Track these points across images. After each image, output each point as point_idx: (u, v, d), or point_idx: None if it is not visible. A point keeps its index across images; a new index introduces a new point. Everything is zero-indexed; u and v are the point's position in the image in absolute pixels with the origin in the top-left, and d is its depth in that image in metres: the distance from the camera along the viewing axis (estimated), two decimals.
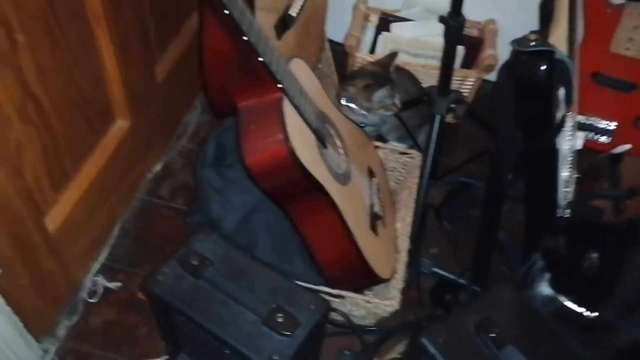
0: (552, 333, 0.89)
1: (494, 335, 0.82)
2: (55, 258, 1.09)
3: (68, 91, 1.02)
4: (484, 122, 1.47)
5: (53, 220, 1.07)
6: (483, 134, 1.49)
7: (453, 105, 1.27)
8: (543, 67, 0.94)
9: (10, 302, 0.98)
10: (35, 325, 1.08)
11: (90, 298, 1.21)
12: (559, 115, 1.01)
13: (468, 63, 1.58)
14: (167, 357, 1.13)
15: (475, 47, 1.57)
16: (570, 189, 1.08)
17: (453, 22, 1.18)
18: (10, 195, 0.92)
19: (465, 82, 1.55)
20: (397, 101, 1.30)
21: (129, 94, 1.20)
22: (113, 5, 1.04)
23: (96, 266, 1.26)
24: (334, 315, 1.12)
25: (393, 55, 1.36)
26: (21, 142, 0.92)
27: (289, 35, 1.26)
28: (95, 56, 1.07)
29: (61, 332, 1.16)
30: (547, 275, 1.00)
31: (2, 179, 0.89)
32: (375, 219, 1.15)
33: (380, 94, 1.28)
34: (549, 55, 0.95)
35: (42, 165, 1.01)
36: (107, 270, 1.26)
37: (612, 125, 1.48)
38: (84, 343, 1.15)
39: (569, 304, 0.94)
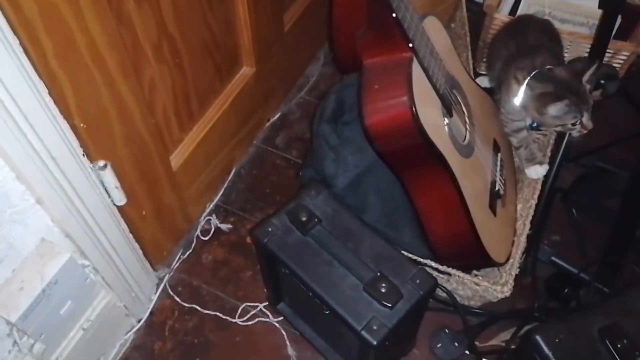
0: None
1: (620, 345, 0.74)
2: (176, 193, 1.15)
3: (201, 33, 1.04)
4: (636, 102, 1.30)
5: (177, 158, 1.12)
6: (631, 115, 1.32)
7: (603, 82, 1.13)
8: None
9: (132, 230, 1.05)
10: (153, 254, 1.16)
11: (203, 236, 1.27)
12: None
13: (623, 34, 1.40)
14: (266, 303, 1.16)
15: (634, 16, 1.37)
16: None
17: None
18: (141, 129, 0.97)
19: (617, 56, 1.37)
20: (585, 119, 1.03)
21: (257, 40, 1.20)
22: None
23: (211, 206, 1.31)
24: (437, 291, 1.08)
25: (592, 64, 1.04)
26: (155, 80, 0.96)
27: None
28: (228, 0, 1.07)
29: (175, 264, 1.23)
30: None
31: (135, 114, 0.94)
32: (495, 198, 1.08)
33: (556, 108, 1.02)
34: None
35: (172, 105, 1.05)
36: (220, 212, 1.31)
37: None
38: (195, 277, 1.22)
39: None
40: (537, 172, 1.14)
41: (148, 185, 1.05)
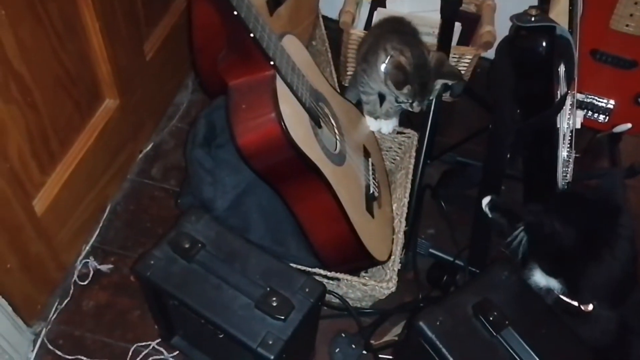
0: (551, 314, 0.87)
1: (492, 318, 0.81)
2: (43, 241, 1.07)
3: (52, 69, 0.98)
4: (482, 100, 1.44)
5: (41, 203, 1.05)
6: (480, 113, 1.46)
7: (450, 84, 1.24)
8: (544, 43, 0.91)
9: None
10: (25, 309, 1.07)
11: (82, 281, 1.19)
12: (559, 92, 0.98)
13: (465, 40, 1.55)
14: (160, 340, 1.11)
15: (472, 23, 1.53)
16: (569, 168, 1.06)
17: None
18: None
19: (462, 60, 1.52)
20: (415, 105, 1.13)
21: (117, 72, 1.16)
22: None
23: (87, 248, 1.23)
24: (330, 298, 1.11)
25: (442, 60, 1.12)
26: (4, 121, 0.89)
27: (281, 11, 1.22)
28: (80, 33, 1.04)
29: (52, 315, 1.14)
30: (536, 265, 0.94)
31: None
32: (371, 200, 1.13)
33: (400, 90, 1.10)
34: (550, 30, 0.92)
35: (28, 146, 0.98)
36: (99, 253, 1.23)
37: (611, 104, 1.45)
38: (76, 326, 1.13)
39: (564, 298, 0.91)
40: (373, 124, 1.24)
41: (10, 235, 0.96)
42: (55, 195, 1.07)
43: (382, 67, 1.13)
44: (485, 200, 1.04)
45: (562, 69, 0.97)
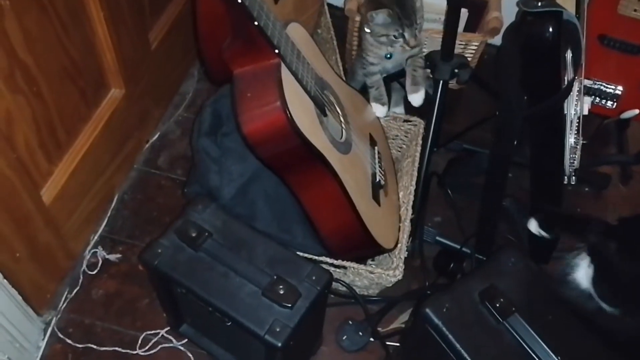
0: (558, 301, 0.87)
1: (498, 304, 0.81)
2: (52, 230, 1.08)
3: (58, 58, 0.99)
4: (489, 87, 1.43)
5: (48, 192, 1.05)
6: (487, 100, 1.45)
7: (456, 70, 1.23)
8: (551, 29, 0.90)
9: (7, 275, 0.97)
10: (35, 298, 1.08)
11: (91, 270, 1.20)
12: (566, 78, 0.97)
13: (472, 26, 1.54)
14: (168, 328, 1.12)
15: (479, 9, 1.52)
16: (577, 155, 1.05)
17: None
18: (2, 167, 0.90)
19: (468, 47, 1.51)
20: (407, 35, 1.13)
21: (122, 61, 1.16)
22: None
23: (95, 238, 1.24)
24: (337, 286, 1.11)
25: None
26: (11, 112, 0.90)
27: None
28: (85, 22, 1.03)
29: (62, 304, 1.15)
30: (589, 270, 0.93)
31: None
32: (377, 188, 1.13)
33: (379, 17, 1.11)
34: (557, 16, 0.91)
35: (35, 136, 0.98)
36: (107, 242, 1.24)
37: (619, 90, 1.44)
38: (86, 315, 1.14)
39: (607, 308, 0.89)
40: (379, 110, 1.25)
41: (18, 224, 0.97)
42: (62, 184, 1.07)
43: (367, 28, 1.17)
44: (534, 225, 1.02)
45: (569, 54, 0.97)
